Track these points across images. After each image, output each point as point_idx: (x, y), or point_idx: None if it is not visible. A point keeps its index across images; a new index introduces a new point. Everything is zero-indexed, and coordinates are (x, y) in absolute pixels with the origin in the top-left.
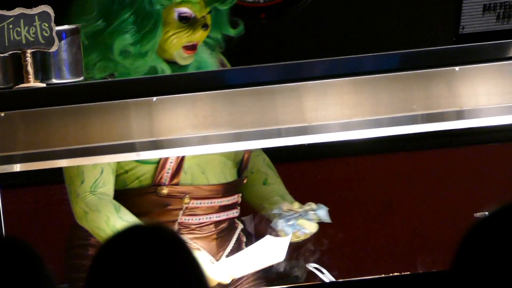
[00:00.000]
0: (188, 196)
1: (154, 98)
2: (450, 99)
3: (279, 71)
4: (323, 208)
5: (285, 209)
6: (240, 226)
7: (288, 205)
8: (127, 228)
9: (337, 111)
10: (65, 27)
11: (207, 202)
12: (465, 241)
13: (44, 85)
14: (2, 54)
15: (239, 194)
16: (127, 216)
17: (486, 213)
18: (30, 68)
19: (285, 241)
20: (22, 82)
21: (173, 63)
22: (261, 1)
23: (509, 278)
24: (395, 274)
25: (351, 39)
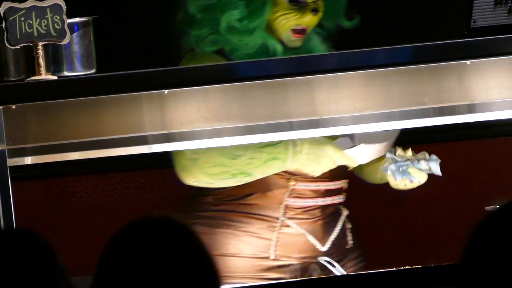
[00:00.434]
0: (294, 177)
1: (166, 91)
2: (461, 92)
3: (291, 64)
4: (436, 160)
5: (398, 155)
6: (345, 212)
7: (401, 151)
8: (137, 220)
9: (348, 104)
10: (77, 19)
11: (313, 185)
12: (475, 234)
13: (55, 77)
14: (14, 47)
15: (346, 180)
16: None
17: (497, 206)
18: (41, 61)
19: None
20: (34, 74)
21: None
22: None
23: None
24: (406, 267)
25: (363, 33)
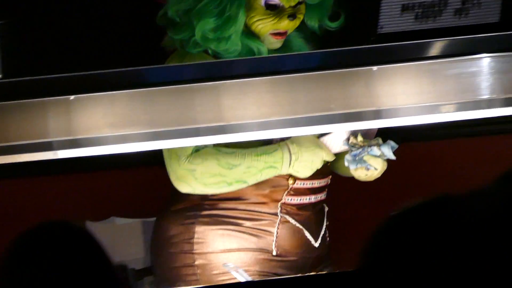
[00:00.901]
0: (292, 176)
1: (72, 97)
2: (368, 98)
3: (198, 70)
4: (388, 144)
5: (351, 143)
6: (326, 208)
7: (353, 138)
8: (35, 225)
9: (255, 110)
10: None
11: (309, 184)
12: (373, 238)
13: None
14: None
15: (330, 176)
16: (229, 149)
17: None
18: None
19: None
20: None
21: None
22: None
23: (417, 277)
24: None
25: None
